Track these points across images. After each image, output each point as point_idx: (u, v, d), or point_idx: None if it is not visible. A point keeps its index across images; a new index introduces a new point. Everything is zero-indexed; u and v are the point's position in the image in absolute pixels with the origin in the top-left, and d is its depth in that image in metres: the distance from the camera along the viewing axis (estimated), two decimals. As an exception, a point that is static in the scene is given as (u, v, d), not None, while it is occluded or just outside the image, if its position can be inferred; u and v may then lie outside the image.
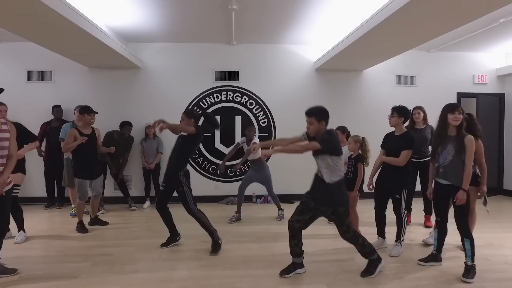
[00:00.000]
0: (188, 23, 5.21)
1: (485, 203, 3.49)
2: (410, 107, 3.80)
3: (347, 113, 6.26)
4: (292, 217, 2.96)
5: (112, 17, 4.83)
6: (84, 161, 4.23)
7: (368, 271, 2.96)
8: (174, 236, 3.85)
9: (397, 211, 3.49)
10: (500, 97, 6.77)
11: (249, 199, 6.04)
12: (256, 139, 4.91)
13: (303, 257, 3.05)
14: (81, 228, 4.29)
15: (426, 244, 3.79)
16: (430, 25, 3.96)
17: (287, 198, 5.84)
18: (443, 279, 2.90)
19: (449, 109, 3.01)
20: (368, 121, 6.22)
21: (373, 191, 3.71)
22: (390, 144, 3.55)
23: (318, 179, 2.89)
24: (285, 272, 2.96)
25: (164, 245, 3.76)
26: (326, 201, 2.83)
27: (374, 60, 5.82)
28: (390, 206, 3.59)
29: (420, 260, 3.25)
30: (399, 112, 3.45)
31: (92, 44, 4.59)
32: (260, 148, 3.65)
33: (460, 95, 6.69)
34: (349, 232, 2.91)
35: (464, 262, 2.94)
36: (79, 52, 5.09)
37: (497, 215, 5.23)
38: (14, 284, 2.82)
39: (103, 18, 4.82)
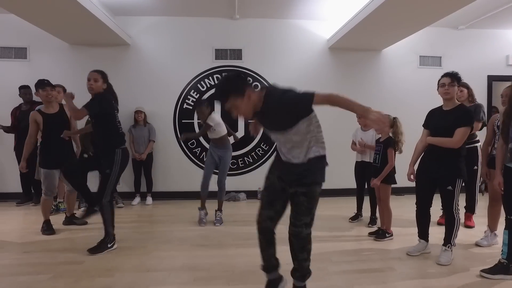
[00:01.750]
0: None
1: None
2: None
3: (364, 96, 5.38)
4: (261, 216, 2.03)
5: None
6: (51, 146, 3.47)
7: None
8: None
9: (448, 207, 2.71)
10: (537, 80, 6.00)
11: (253, 194, 5.30)
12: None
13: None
14: (46, 229, 3.51)
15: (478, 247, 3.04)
16: None
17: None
18: (526, 300, 2.14)
19: None
20: (387, 105, 5.36)
21: (414, 182, 2.93)
22: (439, 121, 2.78)
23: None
24: None
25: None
26: (308, 178, 1.94)
27: (394, 37, 5.11)
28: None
29: (484, 271, 2.48)
30: (458, 79, 2.70)
31: (75, 13, 3.90)
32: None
33: (491, 79, 5.94)
34: (310, 228, 2.00)
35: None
36: (59, 24, 4.37)
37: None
38: None
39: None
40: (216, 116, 3.95)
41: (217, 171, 4.10)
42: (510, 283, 2.37)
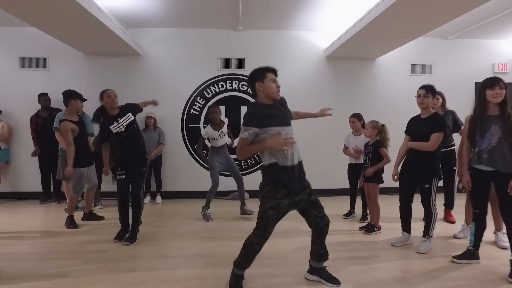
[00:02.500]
0: (191, 7, 4.85)
1: None
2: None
3: (359, 103, 5.90)
4: (266, 232, 2.30)
5: (110, -2, 4.48)
6: (79, 148, 3.88)
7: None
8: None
9: (426, 202, 3.11)
10: (521, 87, 6.38)
11: (255, 194, 5.67)
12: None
13: None
14: (70, 223, 3.92)
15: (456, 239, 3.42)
16: (445, 5, 3.66)
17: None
18: (486, 279, 2.53)
19: (488, 84, 2.66)
20: (381, 111, 5.82)
21: (397, 181, 3.32)
22: (417, 128, 3.18)
23: (293, 169, 2.30)
24: None
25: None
26: (307, 183, 2.41)
27: (387, 47, 5.47)
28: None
29: (455, 257, 2.87)
30: (433, 91, 3.09)
31: (92, 26, 4.27)
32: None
33: (478, 85, 6.28)
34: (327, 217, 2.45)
35: (510, 260, 2.56)
36: (77, 36, 4.75)
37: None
38: (-5, 285, 2.46)
39: (101, -2, 4.49)
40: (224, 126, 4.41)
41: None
42: (474, 266, 2.77)
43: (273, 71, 2.31)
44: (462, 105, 4.46)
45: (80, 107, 4.09)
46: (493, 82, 2.62)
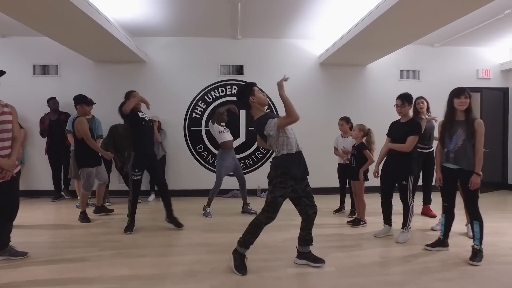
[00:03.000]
0: (193, 17, 5.24)
1: None
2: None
3: (351, 107, 6.28)
4: (274, 214, 2.76)
5: (118, 10, 4.84)
6: (87, 149, 4.26)
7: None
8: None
9: (403, 197, 3.50)
10: (504, 91, 6.77)
11: (253, 192, 6.06)
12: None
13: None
14: (83, 218, 4.29)
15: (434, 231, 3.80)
16: (431, 16, 3.99)
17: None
18: (451, 262, 2.91)
19: (455, 93, 3.05)
20: (372, 115, 6.23)
21: (379, 179, 3.71)
22: (396, 131, 3.57)
23: (300, 163, 2.79)
24: (245, 269, 2.72)
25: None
26: (306, 175, 2.86)
27: (377, 54, 5.84)
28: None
29: (427, 245, 3.26)
30: (409, 100, 3.49)
31: (100, 36, 4.61)
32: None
33: (463, 90, 6.68)
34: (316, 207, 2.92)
35: (472, 246, 2.95)
36: (86, 44, 5.11)
37: (502, 207, 5.25)
38: (26, 265, 2.84)
39: (109, 10, 4.84)
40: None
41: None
42: (444, 252, 3.15)
43: (255, 84, 2.90)
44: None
45: (88, 111, 4.46)
46: (459, 92, 3.01)
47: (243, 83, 2.77)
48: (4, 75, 2.89)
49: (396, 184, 3.56)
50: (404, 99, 3.50)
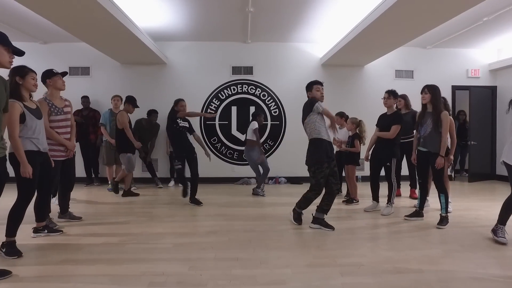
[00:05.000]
0: (208, 24, 5.96)
1: (451, 169, 4.10)
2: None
3: (350, 104, 6.92)
4: (320, 190, 3.51)
5: (143, 18, 5.55)
6: (127, 138, 5.06)
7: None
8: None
9: (388, 177, 4.18)
10: (492, 89, 7.34)
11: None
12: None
13: None
14: (128, 193, 5.19)
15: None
16: (421, 19, 4.51)
17: (296, 180, 6.62)
18: (422, 227, 3.57)
19: (421, 91, 3.71)
20: (368, 111, 6.80)
21: (368, 162, 4.39)
22: (383, 122, 4.25)
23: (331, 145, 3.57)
24: (300, 220, 3.63)
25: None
26: (334, 157, 3.63)
27: (374, 55, 6.46)
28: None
29: (406, 215, 3.92)
30: (395, 95, 4.16)
31: (129, 40, 5.35)
32: None
33: (454, 88, 7.30)
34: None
35: (440, 214, 3.61)
36: (116, 48, 5.87)
37: (489, 194, 5.81)
38: (84, 225, 3.62)
39: (136, 17, 5.56)
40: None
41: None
42: (419, 221, 3.80)
43: (321, 84, 3.77)
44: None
45: (131, 111, 5.27)
46: (422, 89, 3.68)
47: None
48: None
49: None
50: (390, 93, 4.18)
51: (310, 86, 3.73)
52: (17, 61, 2.50)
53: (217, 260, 2.61)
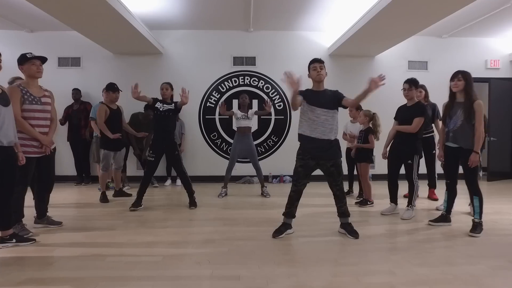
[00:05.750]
0: (207, 11, 5.49)
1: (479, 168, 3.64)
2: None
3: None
4: (298, 182, 3.07)
5: (137, 4, 5.10)
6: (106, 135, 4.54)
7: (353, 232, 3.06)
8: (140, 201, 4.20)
9: (409, 176, 3.69)
10: (513, 81, 6.84)
11: (265, 179, 6.28)
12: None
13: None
14: (102, 198, 4.58)
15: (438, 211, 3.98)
16: (437, 4, 4.12)
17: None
18: (451, 234, 3.10)
19: (451, 77, 3.23)
20: (380, 105, 6.31)
21: (386, 159, 3.91)
22: (403, 114, 3.77)
23: (319, 140, 3.00)
24: (277, 233, 3.03)
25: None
26: (332, 156, 3.03)
27: (385, 44, 5.98)
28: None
29: (431, 220, 3.45)
30: (416, 84, 3.69)
31: (122, 27, 4.90)
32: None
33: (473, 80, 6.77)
34: (342, 184, 3.13)
35: (472, 220, 3.14)
36: (108, 36, 5.40)
37: (508, 192, 5.35)
38: (63, 232, 3.16)
39: (129, 3, 5.11)
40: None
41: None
42: (446, 227, 3.34)
43: (317, 61, 3.20)
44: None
45: (114, 97, 4.70)
46: (453, 75, 3.21)
47: None
48: None
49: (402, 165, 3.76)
50: (411, 83, 3.70)
51: (308, 67, 3.27)
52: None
53: (214, 279, 2.15)
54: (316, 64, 3.09)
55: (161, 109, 4.22)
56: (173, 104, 4.31)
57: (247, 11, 5.44)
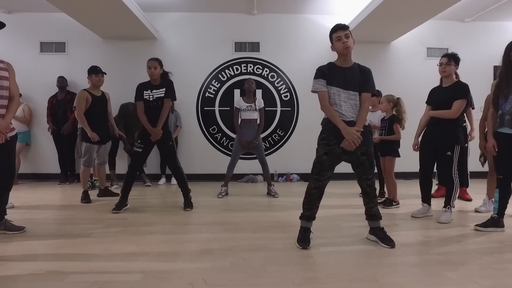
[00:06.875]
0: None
1: None
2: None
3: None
4: (322, 175, 2.38)
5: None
6: (93, 124, 3.91)
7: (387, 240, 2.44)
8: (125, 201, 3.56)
9: (448, 171, 3.05)
10: (542, 70, 6.22)
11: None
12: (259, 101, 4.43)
13: None
14: (84, 197, 3.95)
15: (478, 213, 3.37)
16: None
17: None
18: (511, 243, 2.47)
19: (508, 47, 2.61)
20: (396, 95, 5.78)
21: (417, 152, 3.29)
22: (439, 97, 3.14)
23: (348, 123, 2.34)
24: (305, 242, 2.38)
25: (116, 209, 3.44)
26: (364, 142, 2.33)
27: (401, 28, 5.43)
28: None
29: (478, 225, 2.81)
30: (456, 59, 3.06)
31: (113, 7, 4.37)
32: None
33: (497, 69, 6.14)
34: (374, 179, 2.47)
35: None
36: (97, 18, 4.83)
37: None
38: (22, 240, 2.52)
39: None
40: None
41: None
42: (499, 233, 2.71)
43: (340, 28, 2.38)
44: (480, 89, 4.39)
45: (96, 81, 4.07)
46: (508, 48, 2.57)
47: None
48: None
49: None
50: (450, 57, 3.08)
51: (330, 38, 2.47)
52: None
53: (212, 310, 1.52)
54: (340, 32, 2.37)
55: (150, 99, 3.50)
56: (164, 88, 3.56)
57: (251, -10, 4.86)
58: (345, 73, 2.40)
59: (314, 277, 1.89)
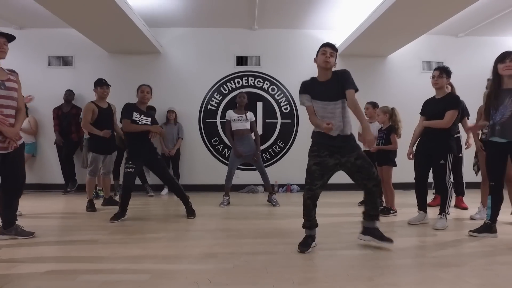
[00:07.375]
0: (209, 7, 5.13)
1: None
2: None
3: (371, 99, 5.92)
4: (312, 185, 2.48)
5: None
6: (96, 136, 4.03)
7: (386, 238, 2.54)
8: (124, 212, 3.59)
9: (441, 179, 3.17)
10: (535, 83, 6.38)
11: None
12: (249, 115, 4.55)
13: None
14: (89, 206, 4.04)
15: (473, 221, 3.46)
16: None
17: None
18: (505, 247, 2.56)
19: (499, 58, 2.80)
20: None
21: (412, 160, 3.40)
22: (432, 108, 3.28)
23: (335, 137, 2.48)
24: (305, 246, 2.47)
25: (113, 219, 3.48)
26: (353, 148, 2.49)
27: (398, 42, 5.62)
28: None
29: (472, 231, 2.90)
30: (448, 73, 3.21)
31: (119, 22, 4.55)
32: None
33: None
34: (378, 176, 2.55)
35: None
36: (104, 32, 5.02)
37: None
38: (32, 244, 2.62)
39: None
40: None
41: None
42: (492, 238, 2.80)
43: (329, 46, 2.62)
44: (474, 101, 4.53)
45: (101, 93, 4.17)
46: (504, 55, 2.74)
47: None
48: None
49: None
50: (442, 70, 3.23)
51: (317, 50, 2.66)
52: None
53: (217, 305, 1.62)
54: (326, 48, 2.55)
55: (139, 123, 3.62)
56: (150, 118, 3.75)
57: (252, 8, 5.07)
58: (325, 86, 2.52)
59: (313, 277, 1.99)
